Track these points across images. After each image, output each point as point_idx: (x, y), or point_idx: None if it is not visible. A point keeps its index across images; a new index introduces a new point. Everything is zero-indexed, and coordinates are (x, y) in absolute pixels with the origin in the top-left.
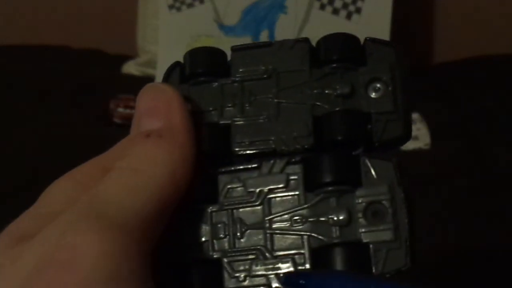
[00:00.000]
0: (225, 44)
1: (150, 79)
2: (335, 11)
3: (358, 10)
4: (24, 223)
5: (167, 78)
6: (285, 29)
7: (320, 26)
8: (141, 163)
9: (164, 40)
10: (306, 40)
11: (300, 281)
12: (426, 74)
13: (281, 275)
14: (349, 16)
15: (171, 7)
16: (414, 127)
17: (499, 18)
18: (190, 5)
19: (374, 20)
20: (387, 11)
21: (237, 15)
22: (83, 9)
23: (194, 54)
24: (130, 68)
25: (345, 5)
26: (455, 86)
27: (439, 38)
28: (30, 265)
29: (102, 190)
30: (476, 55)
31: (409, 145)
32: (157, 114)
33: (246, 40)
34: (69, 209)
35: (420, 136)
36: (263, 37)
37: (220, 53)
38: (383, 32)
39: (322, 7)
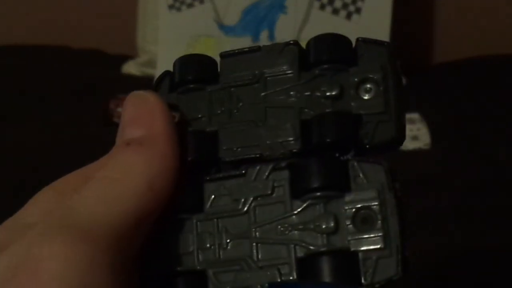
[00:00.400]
0: (225, 44)
1: (150, 79)
2: (335, 11)
3: (358, 10)
4: (0, 234)
5: (156, 87)
6: (285, 29)
7: (320, 26)
8: (119, 171)
9: (164, 40)
10: (296, 43)
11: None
12: (426, 74)
13: (266, 285)
14: (349, 16)
15: (171, 7)
16: (414, 127)
17: (499, 18)
18: (190, 5)
19: (374, 20)
20: (387, 11)
21: (237, 15)
22: (83, 9)
23: (183, 62)
24: (130, 68)
25: (345, 5)
26: (455, 86)
27: (439, 38)
28: None
29: (76, 201)
30: (476, 55)
31: (409, 145)
32: (139, 122)
33: (246, 40)
34: (42, 220)
35: (420, 136)
36: (263, 37)
37: (209, 60)
38: (383, 32)
39: (322, 7)
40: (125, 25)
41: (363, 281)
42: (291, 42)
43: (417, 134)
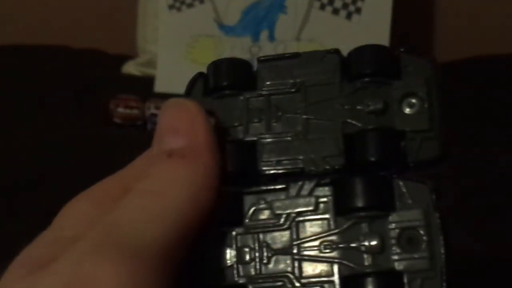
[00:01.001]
0: (225, 44)
1: (150, 79)
2: (335, 11)
3: (358, 10)
4: (38, 249)
5: (190, 89)
6: (285, 29)
7: (320, 26)
8: (163, 185)
9: (164, 40)
10: (337, 51)
11: None
12: None
13: None
14: (349, 16)
15: (171, 7)
16: None
17: (499, 18)
18: (190, 5)
19: (374, 20)
20: (387, 11)
21: (237, 15)
22: (83, 9)
23: (218, 66)
24: (130, 68)
25: (345, 5)
26: (455, 86)
27: (439, 38)
28: None
29: (121, 216)
30: (476, 55)
31: None
32: (180, 132)
33: (246, 40)
34: (86, 235)
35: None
36: (263, 37)
37: (245, 64)
38: (383, 32)
39: (322, 7)
40: (125, 25)
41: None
42: (332, 50)
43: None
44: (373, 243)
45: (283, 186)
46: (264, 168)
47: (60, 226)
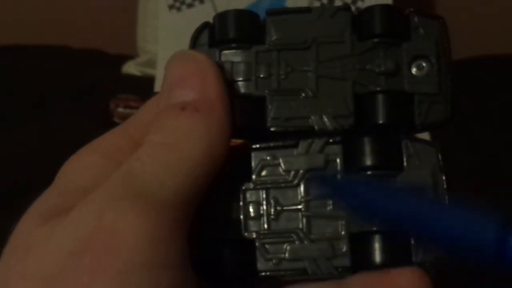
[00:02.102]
0: None
1: (150, 79)
2: None
3: (358, 10)
4: (51, 199)
5: (195, 40)
6: None
7: None
8: (177, 138)
9: (164, 40)
10: (348, 8)
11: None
12: None
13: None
14: None
15: (171, 7)
16: None
17: (499, 18)
18: (190, 5)
19: None
20: None
21: None
22: (83, 9)
23: (225, 17)
24: (130, 68)
25: (345, 5)
26: (455, 86)
27: None
28: (66, 247)
29: (137, 167)
30: (476, 55)
31: None
32: (191, 85)
33: None
34: (102, 185)
35: (420, 136)
36: None
37: (254, 16)
38: None
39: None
40: (125, 25)
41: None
42: (343, 6)
43: (416, 134)
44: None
45: (293, 143)
46: (273, 125)
47: (69, 178)
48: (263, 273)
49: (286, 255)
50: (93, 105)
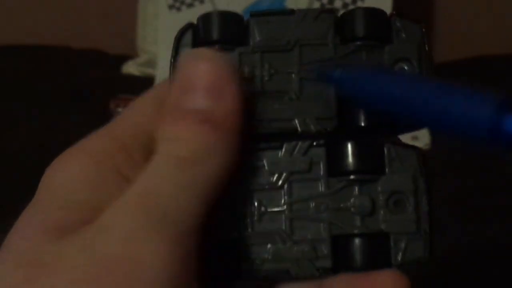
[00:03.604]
0: None
1: (150, 79)
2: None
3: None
4: (53, 213)
5: (179, 40)
6: None
7: None
8: (193, 152)
9: (164, 40)
10: (331, 11)
11: (334, 74)
12: None
13: (312, 69)
14: None
15: (171, 7)
16: None
17: (499, 19)
18: (190, 5)
19: None
20: (387, 11)
21: None
22: (83, 9)
23: (209, 18)
24: (130, 68)
25: (345, 5)
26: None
27: (439, 38)
28: (83, 269)
29: (154, 186)
30: (476, 55)
31: None
32: (209, 91)
33: None
34: (117, 205)
35: (420, 136)
36: None
37: (237, 17)
38: None
39: (322, 7)
40: (125, 25)
41: (392, 261)
42: (326, 9)
43: (417, 134)
44: (363, 205)
45: (277, 145)
46: (257, 127)
47: (66, 189)
48: (247, 274)
49: (269, 256)
50: (93, 105)
